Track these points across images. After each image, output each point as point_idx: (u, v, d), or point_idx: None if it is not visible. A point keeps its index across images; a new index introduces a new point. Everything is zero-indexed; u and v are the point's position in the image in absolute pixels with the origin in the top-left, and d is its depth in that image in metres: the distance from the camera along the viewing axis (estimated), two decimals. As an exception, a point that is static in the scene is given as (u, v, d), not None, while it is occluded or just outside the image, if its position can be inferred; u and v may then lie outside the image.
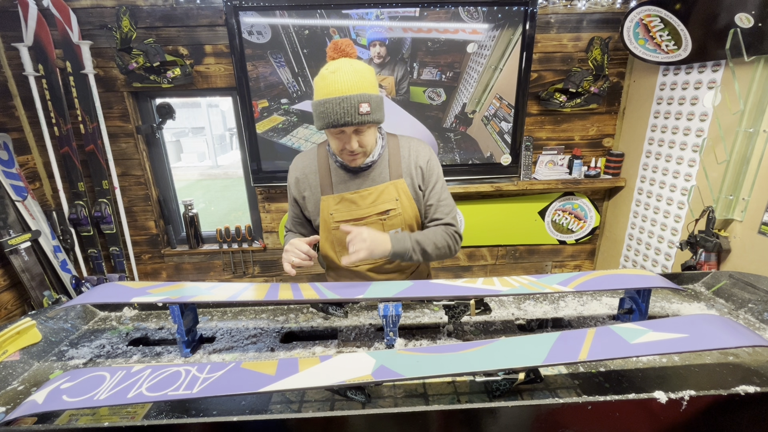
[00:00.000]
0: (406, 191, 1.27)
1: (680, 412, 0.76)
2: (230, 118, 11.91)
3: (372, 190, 1.26)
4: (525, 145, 2.63)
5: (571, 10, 2.46)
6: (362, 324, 1.20)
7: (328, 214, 1.28)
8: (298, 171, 1.31)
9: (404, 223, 1.29)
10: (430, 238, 1.24)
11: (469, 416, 0.75)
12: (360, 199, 1.26)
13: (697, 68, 2.11)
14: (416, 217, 1.31)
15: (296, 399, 0.88)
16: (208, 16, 2.36)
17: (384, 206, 1.26)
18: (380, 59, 2.36)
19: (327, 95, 1.08)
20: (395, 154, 1.28)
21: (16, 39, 2.26)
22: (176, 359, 1.06)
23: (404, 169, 1.27)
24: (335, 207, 1.27)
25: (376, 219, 1.27)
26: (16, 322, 1.08)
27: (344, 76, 1.07)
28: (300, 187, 1.31)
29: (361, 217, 1.27)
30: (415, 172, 1.28)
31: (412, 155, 1.28)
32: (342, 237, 1.28)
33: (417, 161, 1.28)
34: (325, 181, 1.28)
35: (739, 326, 0.89)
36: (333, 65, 1.10)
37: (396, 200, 1.26)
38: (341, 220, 1.27)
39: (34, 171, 2.55)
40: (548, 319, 1.20)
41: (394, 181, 1.26)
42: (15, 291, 2.40)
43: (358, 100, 1.07)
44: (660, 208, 2.42)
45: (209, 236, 2.92)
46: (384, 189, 1.26)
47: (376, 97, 1.10)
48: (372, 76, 1.13)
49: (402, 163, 1.27)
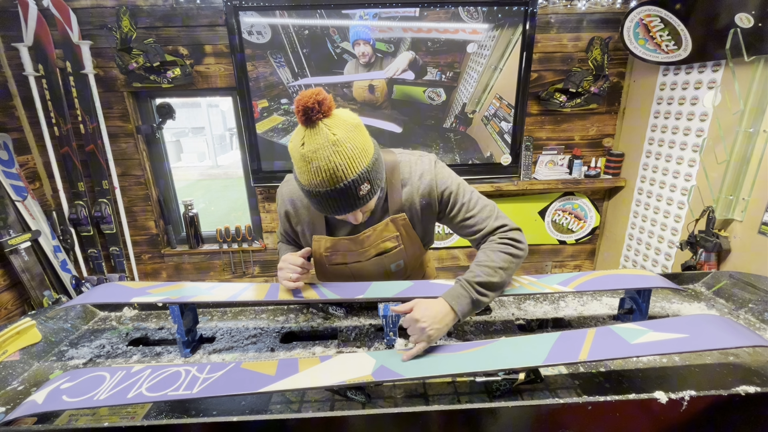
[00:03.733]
0: (408, 226, 1.12)
1: (680, 412, 0.76)
2: (230, 118, 11.89)
3: (369, 232, 1.11)
4: (525, 145, 2.63)
5: (571, 10, 2.46)
6: (362, 324, 1.20)
7: (321, 254, 1.16)
8: (288, 204, 1.14)
9: (406, 257, 1.17)
10: (488, 266, 0.99)
11: (469, 416, 0.75)
12: (357, 245, 1.12)
13: (697, 68, 2.10)
14: (419, 246, 1.17)
15: (296, 399, 0.88)
16: (208, 16, 2.36)
17: (384, 245, 1.13)
18: (366, 58, 2.35)
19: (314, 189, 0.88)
20: (395, 186, 1.09)
21: (16, 39, 2.26)
22: (176, 359, 1.06)
23: (404, 202, 1.09)
24: (329, 249, 1.15)
25: (376, 260, 1.16)
26: (16, 322, 1.08)
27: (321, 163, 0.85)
28: (291, 220, 1.16)
29: (359, 260, 1.16)
30: (420, 202, 1.09)
31: (414, 184, 1.08)
32: (338, 275, 1.20)
33: (421, 189, 1.08)
34: (317, 219, 1.13)
35: (739, 326, 0.89)
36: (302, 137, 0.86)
37: (397, 236, 1.12)
38: (337, 262, 1.16)
39: (34, 171, 2.55)
40: (548, 319, 1.20)
41: (395, 217, 1.10)
42: (15, 291, 2.40)
43: (356, 185, 0.88)
44: (660, 208, 2.42)
45: (209, 236, 2.91)
46: (384, 227, 1.11)
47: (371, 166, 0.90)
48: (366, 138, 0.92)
49: (403, 195, 1.09)
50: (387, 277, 1.21)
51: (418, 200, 1.09)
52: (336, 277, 1.22)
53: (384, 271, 1.20)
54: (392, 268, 1.20)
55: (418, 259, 1.26)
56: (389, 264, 1.18)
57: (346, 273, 1.21)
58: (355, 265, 1.17)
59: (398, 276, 1.23)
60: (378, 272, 1.20)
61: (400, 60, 2.39)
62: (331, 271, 1.21)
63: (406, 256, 1.17)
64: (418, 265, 1.31)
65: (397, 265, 1.19)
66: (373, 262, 1.16)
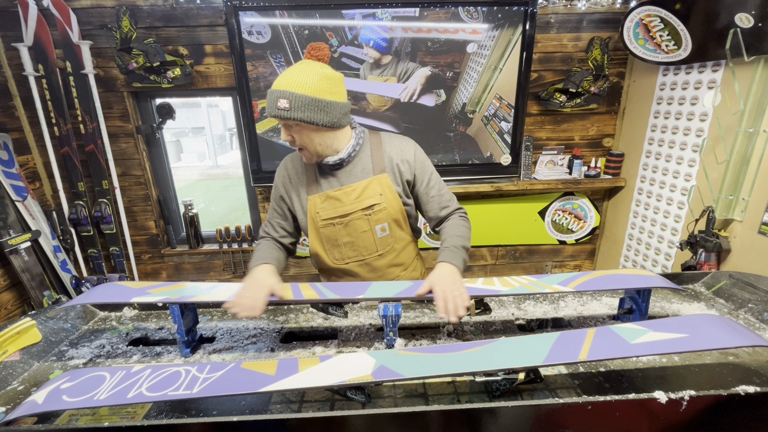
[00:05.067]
0: (390, 186, 1.28)
1: (680, 412, 0.76)
2: (230, 118, 11.90)
3: (355, 186, 1.27)
4: (525, 145, 2.63)
5: (571, 10, 2.46)
6: (362, 324, 1.20)
7: (315, 212, 1.29)
8: (284, 171, 1.34)
9: (389, 218, 1.30)
10: (462, 235, 1.24)
11: (469, 416, 0.75)
12: (344, 196, 1.27)
13: (697, 68, 2.11)
14: (401, 211, 1.32)
15: (296, 399, 0.88)
16: (208, 16, 2.36)
17: (368, 201, 1.27)
18: (373, 59, 2.35)
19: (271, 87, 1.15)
20: (377, 150, 1.29)
21: (16, 39, 2.26)
22: (176, 359, 1.06)
23: (387, 164, 1.29)
24: (321, 205, 1.28)
25: (360, 215, 1.28)
26: (16, 322, 1.08)
27: (284, 74, 1.13)
28: (286, 186, 1.33)
29: (346, 214, 1.28)
30: (401, 167, 1.29)
31: (395, 150, 1.29)
32: (328, 235, 1.31)
33: (403, 156, 1.29)
34: (311, 180, 1.30)
35: (739, 326, 0.89)
36: (300, 63, 1.17)
37: (380, 195, 1.27)
38: (327, 218, 1.28)
39: (34, 171, 2.55)
40: (548, 319, 1.20)
41: (377, 176, 1.27)
42: (15, 291, 2.40)
43: (277, 96, 1.11)
44: (660, 208, 2.42)
45: (209, 236, 2.91)
46: (367, 184, 1.27)
47: (303, 97, 1.11)
48: (321, 81, 1.13)
49: (385, 158, 1.29)
50: (374, 245, 1.33)
51: (398, 164, 1.29)
52: (329, 243, 1.33)
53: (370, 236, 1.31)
54: (378, 232, 1.31)
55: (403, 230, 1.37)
56: (375, 225, 1.30)
57: (336, 235, 1.31)
58: (343, 222, 1.28)
59: (386, 245, 1.34)
60: (365, 235, 1.31)
61: (415, 79, 2.38)
62: (324, 235, 1.31)
63: (390, 219, 1.30)
64: (408, 248, 1.42)
65: (382, 228, 1.31)
66: (360, 217, 1.28)
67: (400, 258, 1.39)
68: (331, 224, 1.29)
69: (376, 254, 1.34)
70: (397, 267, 1.40)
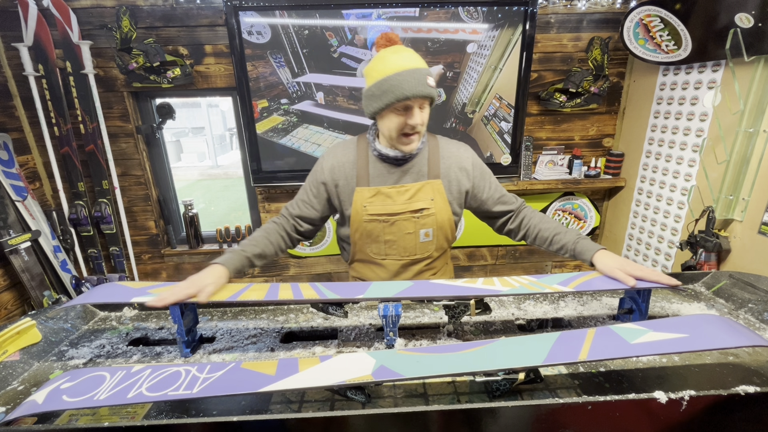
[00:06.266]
0: (442, 192, 1.27)
1: (680, 412, 0.76)
2: (230, 118, 11.91)
3: (409, 187, 1.25)
4: (525, 145, 2.63)
5: (571, 10, 2.46)
6: (362, 324, 1.20)
7: (361, 205, 1.26)
8: (334, 159, 1.28)
9: (436, 224, 1.28)
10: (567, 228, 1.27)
11: (469, 416, 0.75)
12: (396, 195, 1.25)
13: (697, 68, 2.11)
14: (449, 220, 1.30)
15: (296, 399, 0.88)
16: (208, 16, 2.36)
17: (418, 204, 1.26)
18: None
19: (396, 70, 1.11)
20: (435, 154, 1.27)
21: (16, 39, 2.26)
22: (176, 359, 1.06)
23: (443, 171, 1.27)
24: (369, 199, 1.25)
25: (409, 216, 1.26)
26: (16, 322, 1.08)
27: (409, 55, 1.14)
28: (334, 174, 1.27)
29: (394, 213, 1.26)
30: (458, 174, 1.27)
31: (453, 158, 1.27)
32: (370, 230, 1.28)
33: (461, 164, 1.27)
34: (362, 173, 1.26)
35: (739, 326, 0.89)
36: (390, 49, 1.16)
37: (431, 200, 1.26)
38: (374, 213, 1.26)
39: (34, 171, 2.55)
40: (548, 319, 1.20)
41: (431, 181, 1.26)
42: (15, 291, 2.40)
43: (426, 73, 1.12)
44: (660, 208, 2.42)
45: (209, 236, 2.91)
46: (420, 187, 1.25)
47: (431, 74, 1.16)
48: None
49: (441, 164, 1.27)
50: (415, 248, 1.32)
51: (455, 171, 1.27)
52: (369, 238, 1.31)
53: (413, 239, 1.30)
54: (422, 236, 1.29)
55: (446, 239, 1.35)
56: (420, 229, 1.28)
57: (379, 232, 1.29)
58: (389, 220, 1.26)
59: (426, 251, 1.33)
60: (409, 237, 1.29)
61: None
62: (365, 230, 1.29)
63: (436, 226, 1.29)
64: (444, 256, 1.41)
65: (426, 233, 1.29)
66: (407, 218, 1.26)
67: (434, 264, 1.39)
68: (376, 221, 1.27)
69: (414, 257, 1.33)
70: (428, 271, 1.40)
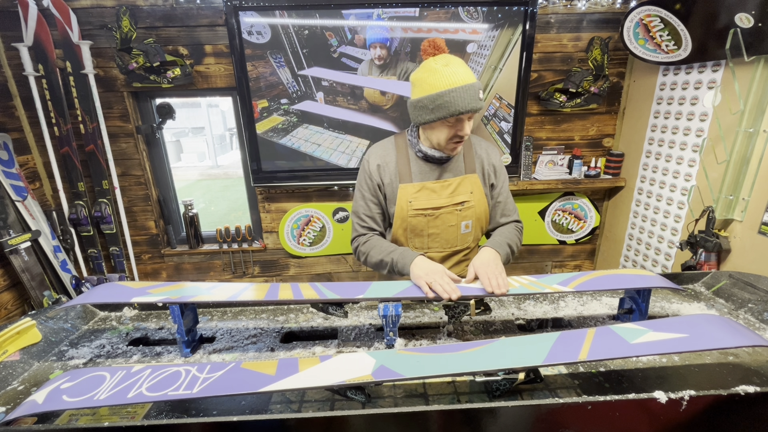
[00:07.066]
0: (479, 186, 1.36)
1: (680, 412, 0.76)
2: (230, 118, 11.91)
3: (451, 181, 1.33)
4: (525, 145, 2.63)
5: (571, 10, 2.46)
6: (362, 324, 1.20)
7: (406, 201, 1.32)
8: (379, 159, 1.35)
9: (475, 216, 1.36)
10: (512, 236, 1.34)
11: (469, 416, 0.75)
12: (440, 189, 1.32)
13: (697, 68, 2.10)
14: (485, 212, 1.39)
15: (296, 399, 0.88)
16: (208, 16, 2.36)
17: (460, 197, 1.33)
18: (381, 61, 2.35)
19: (450, 85, 1.14)
20: (469, 151, 1.37)
21: (16, 39, 2.26)
22: (176, 359, 1.06)
23: (477, 165, 1.36)
24: (414, 195, 1.32)
25: (452, 209, 1.34)
26: (16, 322, 1.08)
27: (460, 68, 1.16)
28: (381, 173, 1.34)
29: (439, 206, 1.32)
30: (488, 169, 1.37)
31: (485, 154, 1.38)
32: (415, 225, 1.35)
33: (490, 159, 1.38)
34: (404, 170, 1.33)
35: (739, 326, 0.89)
36: (441, 60, 1.18)
37: (471, 193, 1.34)
38: (420, 207, 1.32)
39: (34, 171, 2.55)
40: (548, 319, 1.20)
41: (468, 176, 1.35)
42: (15, 291, 2.40)
43: (478, 87, 1.16)
44: (660, 208, 2.42)
45: (209, 236, 2.91)
46: (461, 181, 1.34)
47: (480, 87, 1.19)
48: None
49: (476, 159, 1.36)
50: (457, 239, 1.39)
51: (487, 167, 1.37)
52: (413, 233, 1.36)
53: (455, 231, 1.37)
54: (462, 228, 1.37)
55: (482, 229, 1.43)
56: (461, 221, 1.36)
57: (424, 226, 1.35)
58: (434, 214, 1.33)
59: (465, 242, 1.40)
60: (451, 230, 1.36)
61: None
62: (410, 225, 1.35)
63: (475, 217, 1.37)
64: (476, 245, 1.48)
65: (467, 225, 1.37)
66: (450, 211, 1.34)
67: (470, 255, 1.45)
68: (422, 215, 1.33)
69: (455, 248, 1.39)
70: (465, 262, 1.45)
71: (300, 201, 2.77)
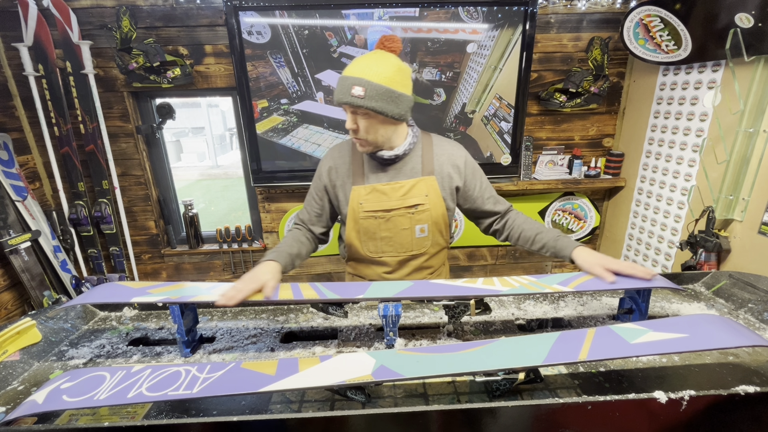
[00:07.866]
0: (436, 189, 1.30)
1: (680, 412, 0.76)
2: (230, 118, 11.91)
3: (403, 183, 1.28)
4: (525, 145, 2.63)
5: (571, 10, 2.46)
6: (362, 324, 1.20)
7: (357, 203, 1.29)
8: (332, 161, 1.33)
9: (430, 219, 1.32)
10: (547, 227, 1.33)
11: (469, 416, 0.75)
12: (391, 191, 1.29)
13: (697, 68, 2.11)
14: (443, 216, 1.34)
15: (296, 399, 0.88)
16: (208, 16, 2.36)
17: (413, 200, 1.29)
18: None
19: (343, 74, 1.15)
20: (428, 152, 1.31)
21: (16, 39, 2.26)
22: (176, 359, 1.06)
23: (436, 168, 1.30)
24: (366, 197, 1.29)
25: (404, 212, 1.30)
26: (16, 322, 1.08)
27: (363, 62, 1.13)
28: (332, 176, 1.33)
29: (389, 209, 1.29)
30: (451, 171, 1.31)
31: (446, 155, 1.31)
32: (367, 227, 1.32)
33: (453, 161, 1.31)
34: (358, 171, 1.31)
35: (739, 326, 0.89)
36: (371, 53, 1.18)
37: (426, 196, 1.29)
38: (370, 209, 1.29)
39: (34, 171, 2.55)
40: (548, 319, 1.20)
41: (425, 178, 1.29)
42: (15, 291, 2.40)
43: (352, 82, 1.11)
44: (660, 208, 2.42)
45: (209, 236, 2.91)
46: (415, 184, 1.29)
47: (379, 87, 1.11)
48: (396, 72, 1.14)
49: (435, 161, 1.30)
50: (411, 244, 1.34)
51: (448, 169, 1.30)
52: (366, 236, 1.34)
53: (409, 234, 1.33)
54: (417, 232, 1.32)
55: (441, 233, 1.38)
56: (415, 225, 1.31)
57: (375, 229, 1.32)
58: (385, 216, 1.29)
59: (422, 246, 1.36)
60: (404, 233, 1.32)
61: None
62: (362, 227, 1.32)
63: (431, 221, 1.32)
64: (440, 254, 1.45)
65: (422, 229, 1.32)
66: (402, 214, 1.30)
67: (430, 261, 1.41)
68: (372, 217, 1.30)
69: (411, 253, 1.36)
70: (426, 270, 1.42)
71: (300, 201, 2.77)
